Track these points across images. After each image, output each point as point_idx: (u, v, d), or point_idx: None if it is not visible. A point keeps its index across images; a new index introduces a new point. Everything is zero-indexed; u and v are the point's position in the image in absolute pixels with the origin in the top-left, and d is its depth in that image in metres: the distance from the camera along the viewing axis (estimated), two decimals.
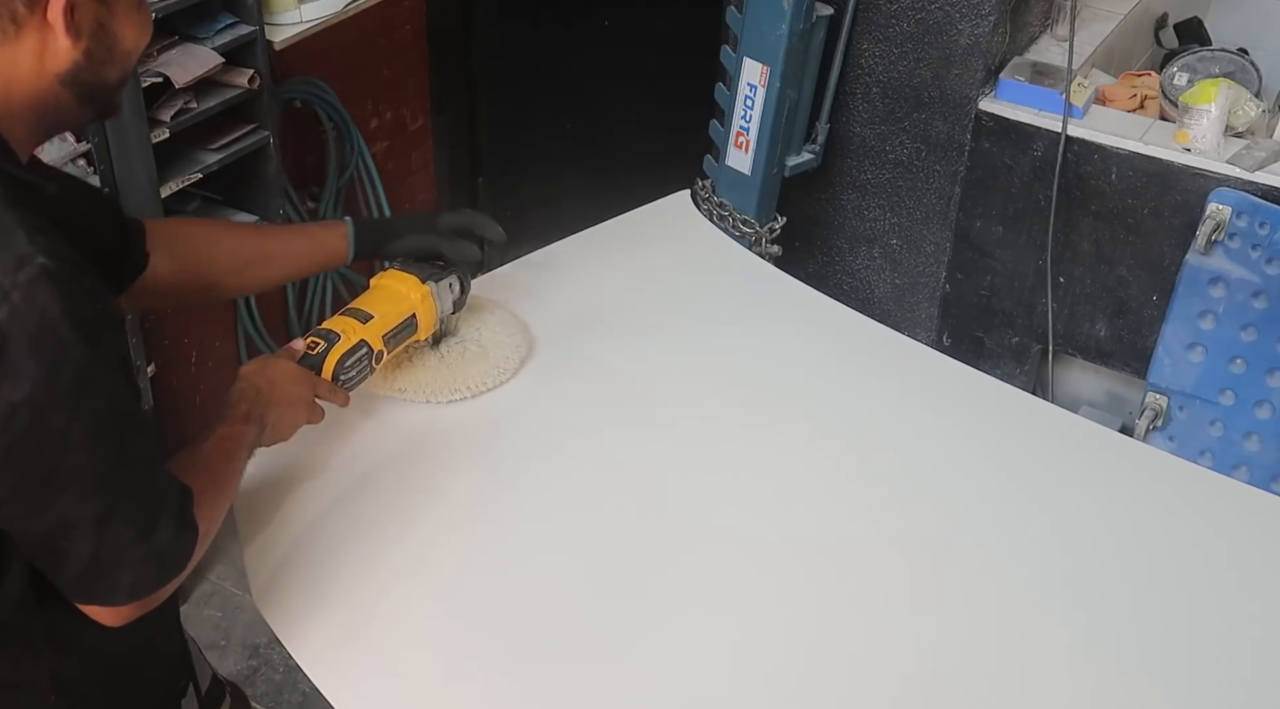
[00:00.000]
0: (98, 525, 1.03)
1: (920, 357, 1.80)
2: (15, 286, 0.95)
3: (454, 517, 1.43)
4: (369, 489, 1.45)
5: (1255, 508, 1.56)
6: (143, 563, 1.07)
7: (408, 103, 2.98)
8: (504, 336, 1.66)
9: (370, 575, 1.35)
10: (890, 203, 2.66)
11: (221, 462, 1.24)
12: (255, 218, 2.46)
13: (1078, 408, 2.64)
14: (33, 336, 0.96)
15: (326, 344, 1.42)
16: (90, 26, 1.07)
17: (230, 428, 1.27)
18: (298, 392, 1.37)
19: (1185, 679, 1.32)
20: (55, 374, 0.97)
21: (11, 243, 0.97)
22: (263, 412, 1.31)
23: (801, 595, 1.39)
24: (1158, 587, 1.42)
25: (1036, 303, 2.57)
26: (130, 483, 1.06)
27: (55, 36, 1.05)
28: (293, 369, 1.38)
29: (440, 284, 1.55)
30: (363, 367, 1.45)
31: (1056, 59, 2.51)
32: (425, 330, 1.55)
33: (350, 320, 1.46)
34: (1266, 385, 2.34)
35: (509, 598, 1.35)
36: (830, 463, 1.56)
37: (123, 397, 1.05)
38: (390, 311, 1.49)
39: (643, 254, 1.94)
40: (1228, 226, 2.26)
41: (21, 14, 1.03)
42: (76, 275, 1.00)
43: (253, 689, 2.33)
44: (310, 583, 1.34)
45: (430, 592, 1.35)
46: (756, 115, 2.41)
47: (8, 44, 1.04)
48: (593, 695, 1.27)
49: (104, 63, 1.09)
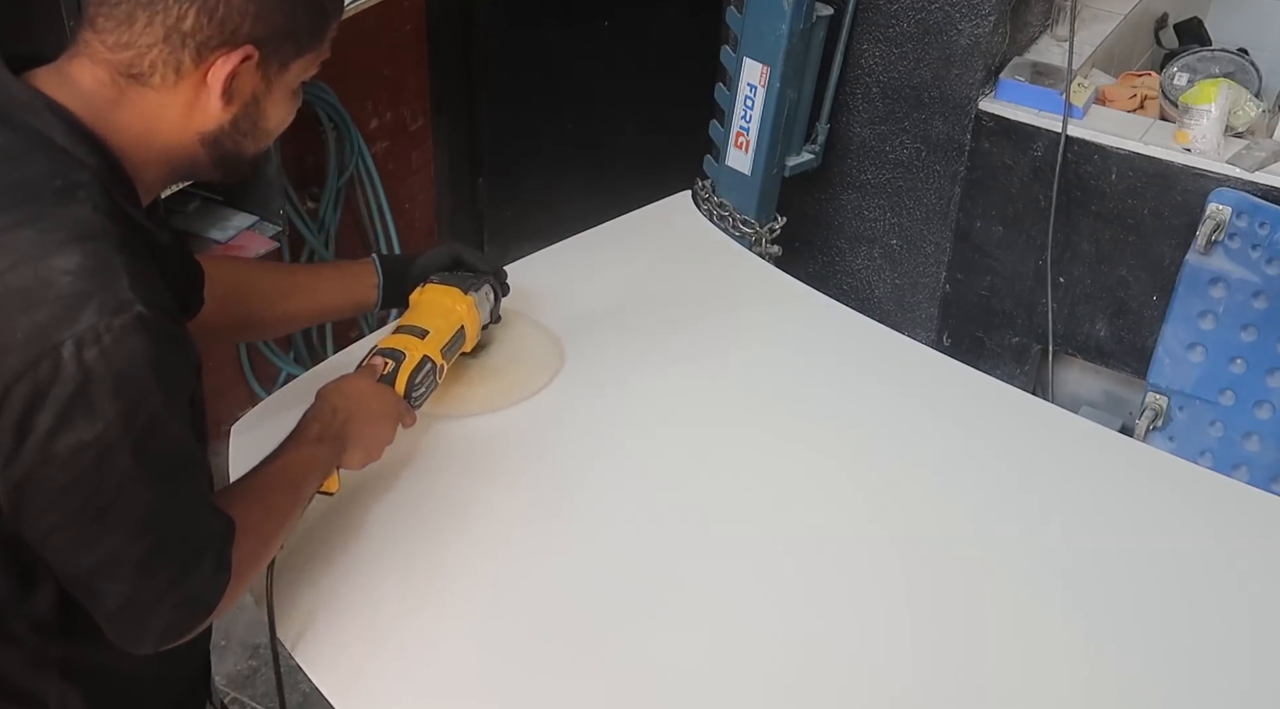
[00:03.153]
0: (140, 566, 1.03)
1: (920, 357, 1.80)
2: (109, 330, 0.96)
3: (454, 518, 1.43)
4: (369, 491, 1.45)
5: (1255, 508, 1.56)
6: (176, 607, 1.07)
7: (408, 103, 2.98)
8: (538, 347, 1.66)
9: (370, 575, 1.35)
10: (890, 203, 2.66)
11: (279, 491, 1.22)
12: (255, 218, 2.46)
13: (1078, 408, 2.64)
14: (117, 380, 0.97)
15: (395, 363, 1.41)
16: (245, 97, 1.08)
17: (298, 452, 1.25)
18: (382, 406, 1.36)
19: (1185, 679, 1.32)
20: (131, 418, 0.99)
21: (115, 286, 0.98)
22: (341, 431, 1.29)
23: (801, 596, 1.39)
24: (1157, 587, 1.42)
25: (1036, 303, 2.57)
26: (178, 526, 1.06)
27: (209, 97, 1.06)
28: (375, 386, 1.37)
29: (479, 293, 1.54)
30: (429, 382, 1.44)
31: (1056, 59, 2.51)
32: (472, 341, 1.54)
33: (409, 337, 1.44)
34: (1266, 385, 2.34)
35: (510, 597, 1.35)
36: (829, 463, 1.56)
37: (186, 440, 1.06)
38: (442, 325, 1.48)
39: (643, 254, 1.94)
40: (1228, 227, 2.26)
41: (185, 67, 1.04)
42: (168, 325, 1.01)
43: (253, 689, 2.33)
44: (311, 583, 1.33)
45: (430, 591, 1.35)
46: (756, 115, 2.41)
47: (164, 91, 1.05)
48: (594, 694, 1.27)
49: (246, 134, 1.11)
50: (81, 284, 0.97)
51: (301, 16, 1.07)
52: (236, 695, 2.31)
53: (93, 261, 0.98)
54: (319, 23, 1.10)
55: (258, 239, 2.46)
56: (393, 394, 1.39)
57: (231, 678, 2.30)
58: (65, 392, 0.96)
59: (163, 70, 1.04)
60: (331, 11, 1.12)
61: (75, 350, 0.95)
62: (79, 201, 1.00)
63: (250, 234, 2.46)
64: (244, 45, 1.04)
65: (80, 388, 0.96)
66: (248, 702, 2.31)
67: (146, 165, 1.08)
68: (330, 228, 2.81)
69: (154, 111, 1.05)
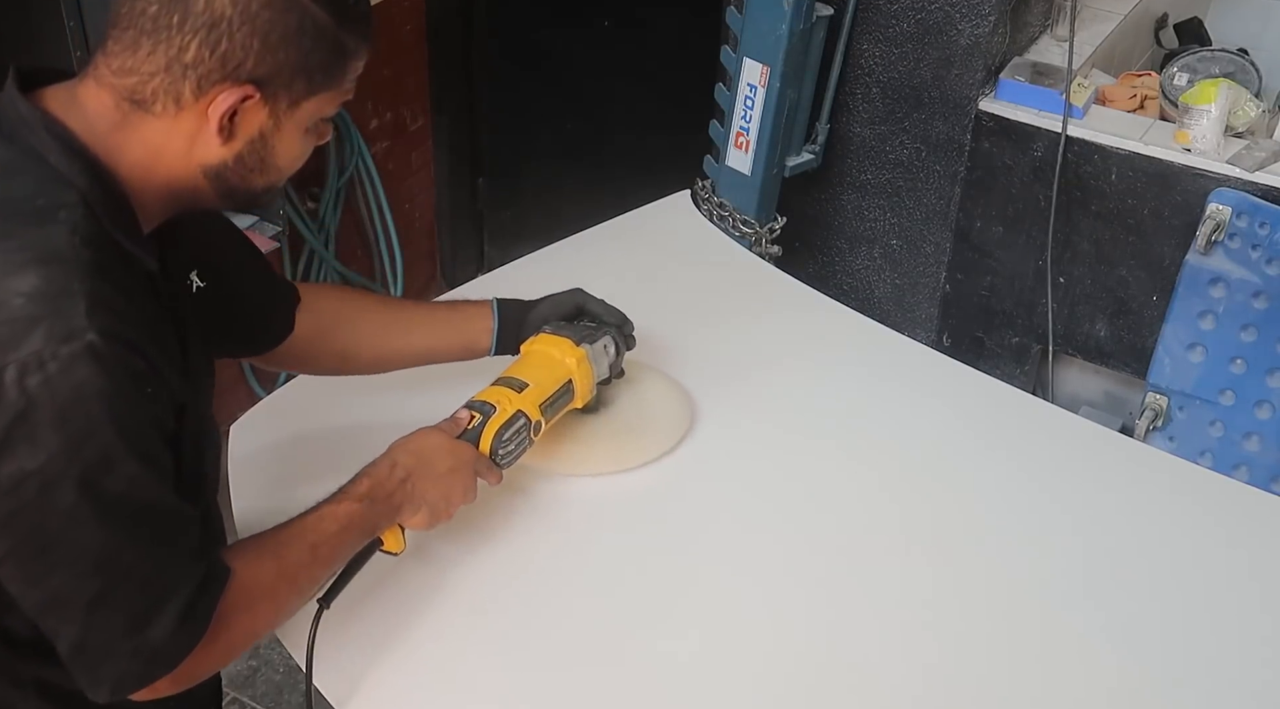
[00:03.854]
0: (89, 609, 0.98)
1: (920, 357, 1.81)
2: (55, 358, 0.93)
3: (454, 519, 1.43)
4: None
5: (1255, 508, 1.56)
6: (131, 657, 1.01)
7: (408, 103, 2.98)
8: (662, 408, 1.58)
9: (370, 575, 1.35)
10: (890, 203, 2.66)
11: (299, 547, 1.15)
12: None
13: (1078, 408, 2.64)
14: (61, 410, 0.94)
15: (482, 417, 1.34)
16: (250, 134, 1.05)
17: (335, 507, 1.19)
18: (450, 464, 1.28)
19: (1185, 679, 1.32)
20: (75, 451, 0.95)
21: (69, 313, 0.94)
22: (397, 489, 1.23)
23: (798, 595, 1.39)
24: (1157, 587, 1.42)
25: (1036, 303, 2.57)
26: (136, 570, 1.00)
27: (210, 131, 1.03)
28: (446, 442, 1.30)
29: (595, 346, 1.46)
30: (521, 439, 1.36)
31: (1056, 59, 2.51)
32: (582, 398, 1.46)
33: (504, 390, 1.37)
34: (1266, 385, 2.34)
35: (510, 597, 1.35)
36: (828, 464, 1.56)
37: (148, 482, 1.00)
38: (546, 378, 1.40)
39: (643, 254, 1.94)
40: (1228, 227, 2.26)
41: (186, 98, 1.01)
42: (128, 358, 0.97)
43: (253, 689, 2.33)
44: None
45: (430, 591, 1.35)
46: (756, 115, 2.41)
47: (164, 119, 1.02)
48: (599, 696, 1.27)
49: (254, 170, 1.08)
50: (33, 308, 0.94)
51: (315, 55, 1.03)
52: (236, 695, 2.31)
53: (50, 286, 0.95)
54: (336, 61, 1.06)
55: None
56: (469, 451, 1.31)
57: (231, 678, 2.30)
58: (5, 417, 0.93)
59: (164, 99, 1.01)
60: (352, 50, 1.07)
61: (18, 376, 0.93)
62: (57, 223, 0.98)
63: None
64: (245, 83, 1.01)
65: (21, 414, 0.93)
66: (248, 702, 2.31)
67: (147, 192, 1.05)
68: (330, 228, 2.81)
69: (156, 140, 1.03)
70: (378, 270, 2.99)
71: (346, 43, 1.06)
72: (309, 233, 2.74)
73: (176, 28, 0.99)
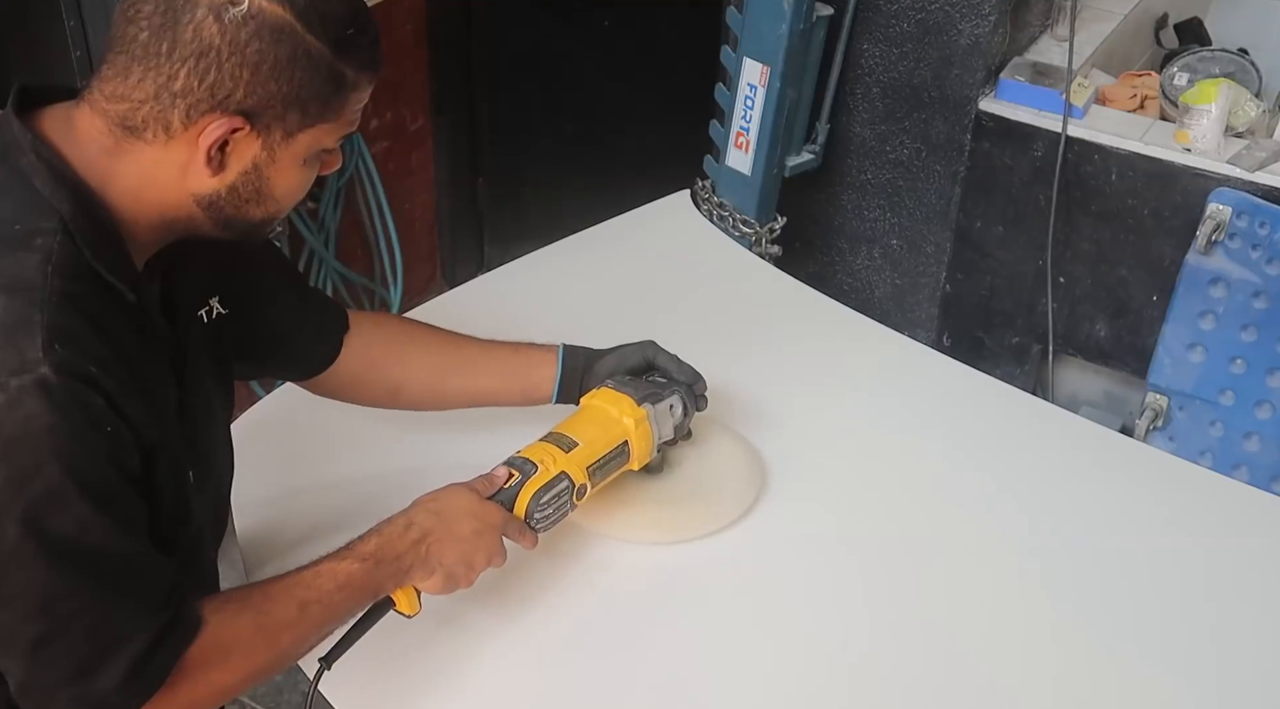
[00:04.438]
0: (33, 651, 0.95)
1: (920, 357, 1.81)
2: (3, 390, 0.91)
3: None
4: (371, 494, 1.44)
5: (1255, 508, 1.56)
6: (74, 704, 0.97)
7: (408, 103, 2.98)
8: (729, 473, 1.47)
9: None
10: (890, 203, 2.66)
11: (290, 604, 1.09)
12: None
13: (1078, 408, 2.64)
14: (6, 444, 0.91)
15: (521, 476, 1.26)
16: (243, 166, 1.03)
17: (336, 564, 1.12)
18: (474, 527, 1.20)
19: (1185, 679, 1.32)
20: (19, 487, 0.92)
21: (22, 345, 0.92)
22: (408, 551, 1.16)
23: (796, 595, 1.39)
24: (1157, 587, 1.42)
25: (1036, 303, 2.57)
26: (82, 615, 0.96)
27: (200, 161, 1.01)
28: (472, 503, 1.22)
29: (659, 406, 1.36)
30: (561, 503, 1.27)
31: (1056, 59, 2.51)
32: (639, 460, 1.36)
33: (551, 448, 1.28)
34: (1266, 385, 2.34)
35: (511, 597, 1.35)
36: (828, 464, 1.56)
37: (98, 526, 0.95)
38: (598, 438, 1.31)
39: (643, 254, 1.94)
40: (1228, 227, 2.26)
41: (175, 127, 0.99)
42: (83, 394, 0.93)
43: (253, 689, 2.33)
44: None
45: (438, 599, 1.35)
46: (756, 115, 2.41)
47: (155, 147, 1.00)
48: (604, 693, 1.27)
49: (249, 201, 1.05)
50: None
51: (310, 86, 1.00)
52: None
53: (8, 315, 0.93)
54: (333, 93, 1.03)
55: None
56: (498, 514, 1.23)
57: None
58: None
59: (154, 127, 0.99)
60: (351, 82, 1.04)
61: None
62: (31, 250, 0.96)
63: None
64: (235, 114, 0.99)
65: None
66: (248, 702, 2.31)
67: (139, 220, 1.03)
68: (330, 228, 2.81)
69: (148, 167, 1.01)
70: (378, 270, 2.99)
71: (345, 73, 1.03)
72: (309, 233, 2.74)
73: (165, 55, 0.97)
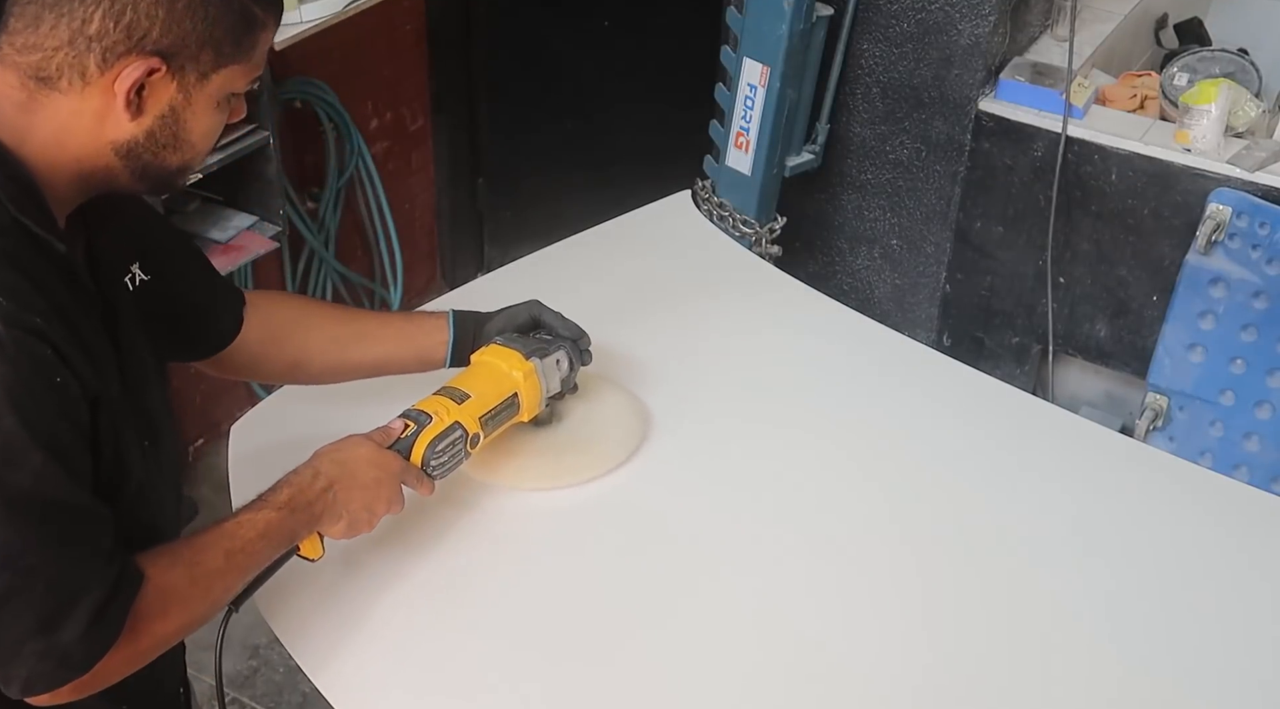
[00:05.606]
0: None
1: (920, 357, 1.81)
2: None
3: (453, 518, 1.43)
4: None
5: (1255, 508, 1.56)
6: (40, 658, 0.98)
7: (408, 103, 2.98)
8: (614, 423, 1.55)
9: (370, 576, 1.35)
10: (890, 203, 2.67)
11: (215, 554, 1.12)
12: (255, 219, 2.47)
13: (1078, 408, 2.64)
14: None
15: (416, 427, 1.32)
16: (160, 109, 1.03)
17: (255, 514, 1.16)
18: (375, 475, 1.25)
19: (1185, 679, 1.32)
20: None
21: None
22: (317, 498, 1.20)
23: (796, 594, 1.39)
24: (1157, 587, 1.42)
25: (1036, 303, 2.57)
26: (42, 568, 0.97)
27: (117, 107, 1.01)
28: (372, 452, 1.27)
29: (546, 360, 1.43)
30: (456, 451, 1.34)
31: (1056, 59, 2.51)
32: (529, 412, 1.44)
33: (444, 400, 1.35)
34: (1266, 385, 2.34)
35: (511, 596, 1.36)
36: (828, 464, 1.56)
37: (54, 476, 0.96)
38: (489, 391, 1.38)
39: (643, 254, 1.94)
40: (1228, 227, 2.26)
41: (91, 73, 0.99)
42: (31, 345, 0.95)
43: (253, 689, 2.33)
44: (310, 584, 1.33)
45: (430, 591, 1.35)
46: (756, 115, 2.41)
47: (71, 97, 1.00)
48: (602, 693, 1.27)
49: (166, 147, 1.05)
50: None
51: (222, 25, 1.02)
52: (236, 695, 2.31)
53: None
54: (244, 33, 1.04)
55: (258, 239, 2.46)
56: (396, 462, 1.28)
57: (231, 678, 2.30)
58: None
59: (69, 75, 0.99)
60: (259, 21, 1.05)
61: None
62: None
63: (250, 234, 2.47)
64: (151, 55, 0.99)
65: None
66: (248, 702, 2.31)
67: (58, 175, 1.03)
68: (330, 228, 2.81)
69: (64, 118, 1.01)
70: (378, 270, 2.99)
71: (254, 13, 1.04)
72: (309, 233, 2.74)
73: (79, 0, 0.97)
